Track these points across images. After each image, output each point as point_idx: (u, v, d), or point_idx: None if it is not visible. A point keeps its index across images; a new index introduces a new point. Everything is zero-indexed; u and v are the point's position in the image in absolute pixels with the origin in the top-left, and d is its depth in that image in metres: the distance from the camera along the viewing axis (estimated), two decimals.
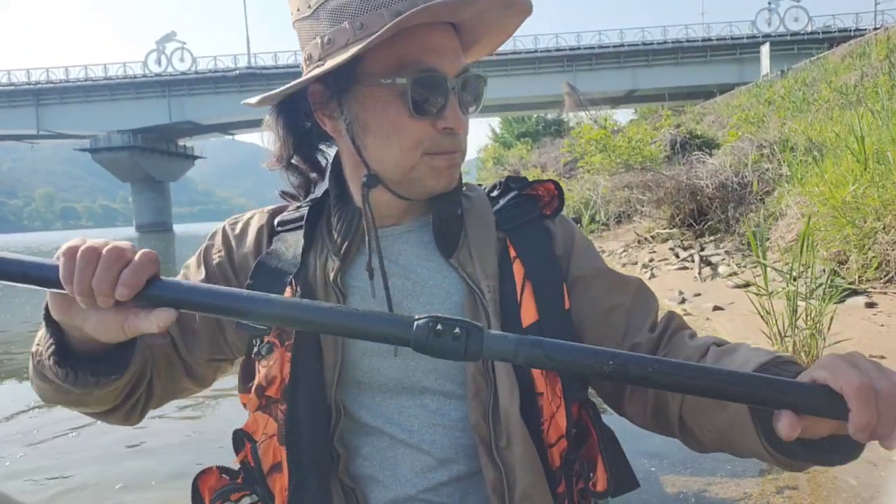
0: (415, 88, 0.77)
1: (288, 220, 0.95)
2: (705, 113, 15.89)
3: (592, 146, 9.92)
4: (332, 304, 0.79)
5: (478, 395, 0.83)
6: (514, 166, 22.90)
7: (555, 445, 0.85)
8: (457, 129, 0.81)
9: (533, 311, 0.86)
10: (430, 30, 0.78)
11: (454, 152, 0.83)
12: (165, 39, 51.45)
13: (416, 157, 0.81)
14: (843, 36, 31.74)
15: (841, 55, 14.63)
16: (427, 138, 0.81)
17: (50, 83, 49.44)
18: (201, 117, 50.23)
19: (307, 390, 0.83)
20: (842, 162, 5.28)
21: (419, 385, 0.87)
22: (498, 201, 0.95)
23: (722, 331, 4.29)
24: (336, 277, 0.86)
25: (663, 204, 8.92)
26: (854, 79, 10.75)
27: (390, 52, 0.77)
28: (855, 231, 4.33)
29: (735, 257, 6.58)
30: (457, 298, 0.87)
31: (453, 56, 0.81)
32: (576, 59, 45.22)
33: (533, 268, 0.88)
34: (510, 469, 0.81)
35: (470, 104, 0.85)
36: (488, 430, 0.82)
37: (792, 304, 3.00)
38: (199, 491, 0.88)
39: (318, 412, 0.84)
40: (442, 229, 0.88)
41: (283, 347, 0.84)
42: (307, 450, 0.83)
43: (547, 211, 0.95)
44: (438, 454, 0.86)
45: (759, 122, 10.43)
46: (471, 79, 0.83)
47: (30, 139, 58.59)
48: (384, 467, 0.87)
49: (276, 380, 0.83)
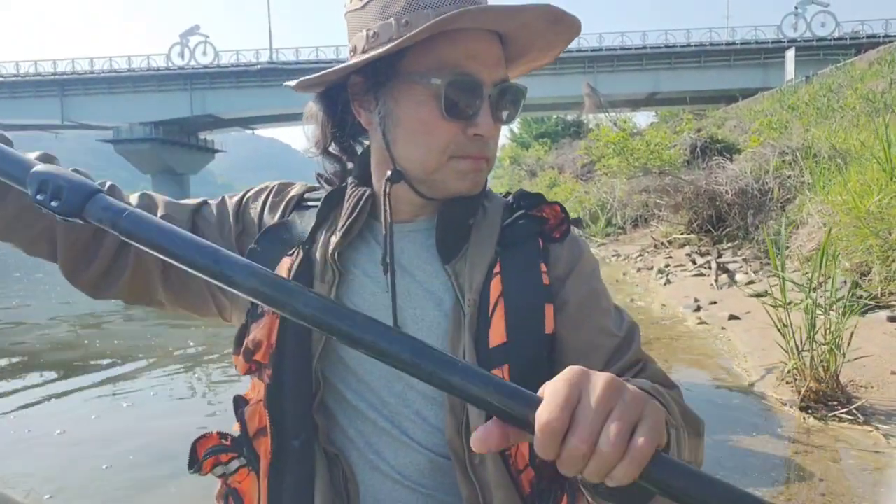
0: (449, 90, 0.79)
1: (312, 199, 0.97)
2: (727, 117, 15.69)
3: (610, 149, 9.81)
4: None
5: (453, 409, 0.82)
6: (530, 167, 22.84)
7: (523, 472, 0.82)
8: (486, 135, 0.82)
9: (502, 333, 0.82)
10: (473, 36, 0.79)
11: (481, 158, 0.84)
12: (189, 33, 51.88)
13: (443, 158, 0.82)
14: (871, 42, 31.23)
15: (869, 61, 14.37)
16: (455, 141, 0.82)
17: (75, 74, 50.03)
18: (222, 111, 50.56)
19: (292, 358, 0.84)
20: (867, 171, 5.15)
21: (403, 382, 0.87)
22: (509, 215, 0.94)
23: (737, 341, 4.19)
24: (335, 253, 0.86)
25: (681, 209, 8.80)
26: (882, 86, 10.53)
27: (431, 53, 0.79)
28: (879, 242, 4.20)
29: (753, 265, 6.46)
30: (447, 307, 0.86)
31: (493, 64, 0.82)
32: (597, 60, 44.82)
33: (511, 287, 0.84)
34: (485, 486, 0.80)
35: (505, 113, 0.85)
36: (462, 446, 0.81)
37: (810, 316, 2.90)
38: (197, 452, 0.88)
39: (301, 380, 0.85)
40: (445, 234, 0.87)
41: (273, 314, 0.84)
42: (290, 416, 0.84)
43: (556, 234, 0.91)
44: (421, 449, 0.85)
45: (781, 128, 10.25)
46: (509, 89, 0.84)
47: (54, 129, 59.40)
48: (369, 451, 0.87)
49: (262, 344, 0.84)
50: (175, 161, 54.89)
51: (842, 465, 2.30)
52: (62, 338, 5.91)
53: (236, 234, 0.97)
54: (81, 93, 50.74)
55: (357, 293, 0.88)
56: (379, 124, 0.85)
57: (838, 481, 2.22)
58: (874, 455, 2.38)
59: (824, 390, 2.84)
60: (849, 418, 2.69)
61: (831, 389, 2.85)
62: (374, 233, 0.91)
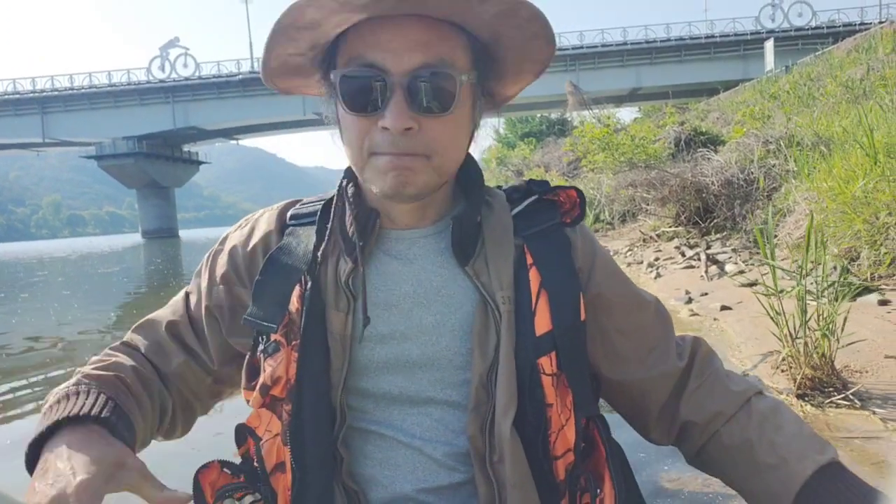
0: (343, 84, 0.77)
1: (300, 215, 0.93)
2: (709, 110, 15.78)
3: (595, 145, 9.83)
4: None
5: (477, 407, 0.82)
6: (517, 166, 22.86)
7: (561, 458, 0.84)
8: (393, 129, 0.75)
9: (547, 321, 0.84)
10: (382, 25, 0.75)
11: (400, 154, 0.77)
12: (169, 45, 51.68)
13: (364, 157, 0.80)
14: (847, 30, 31.61)
15: (846, 49, 14.51)
16: (369, 137, 0.78)
17: (55, 91, 49.72)
18: (205, 122, 50.35)
19: (312, 392, 0.82)
20: (850, 157, 5.17)
21: (424, 395, 0.86)
22: (517, 205, 0.93)
23: (730, 331, 4.18)
24: (348, 280, 0.84)
25: (668, 202, 8.82)
26: (860, 73, 10.62)
27: (345, 51, 0.78)
28: (866, 227, 4.22)
29: (742, 255, 6.47)
30: (468, 308, 0.85)
31: (408, 51, 0.75)
32: (579, 58, 45.06)
33: (550, 276, 0.86)
34: (502, 485, 0.80)
35: (429, 102, 0.76)
36: (483, 443, 0.81)
37: (802, 303, 2.89)
38: (201, 486, 0.85)
39: (322, 414, 0.83)
40: (462, 237, 0.85)
41: (290, 347, 0.82)
42: (311, 451, 0.82)
43: (567, 219, 0.92)
44: (438, 459, 0.85)
45: (764, 117, 10.31)
46: (428, 77, 0.75)
47: (35, 147, 58.88)
48: (384, 467, 0.86)
49: (281, 380, 0.82)
50: (159, 175, 54.59)
51: (842, 451, 2.29)
52: (55, 354, 5.82)
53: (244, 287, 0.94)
54: (62, 109, 50.36)
55: (377, 316, 0.85)
56: (336, 125, 0.86)
57: None
58: (873, 440, 2.37)
59: (820, 377, 2.83)
60: (846, 404, 2.68)
61: (827, 376, 2.83)
62: (383, 243, 0.89)
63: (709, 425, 0.90)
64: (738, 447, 0.86)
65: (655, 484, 2.20)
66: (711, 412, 0.90)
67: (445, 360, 0.85)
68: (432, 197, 0.86)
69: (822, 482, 0.78)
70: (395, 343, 0.85)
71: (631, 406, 0.96)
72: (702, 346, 0.97)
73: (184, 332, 0.95)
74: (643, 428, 0.97)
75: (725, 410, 0.89)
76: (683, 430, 0.93)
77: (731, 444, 0.87)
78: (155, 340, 0.95)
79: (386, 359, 0.85)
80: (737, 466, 0.87)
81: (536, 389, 0.83)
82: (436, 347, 0.84)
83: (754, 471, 0.84)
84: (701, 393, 0.92)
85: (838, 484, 0.77)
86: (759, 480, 0.83)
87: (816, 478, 0.78)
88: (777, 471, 0.81)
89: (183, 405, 0.96)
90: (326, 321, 0.83)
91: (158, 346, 0.95)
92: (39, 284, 15.09)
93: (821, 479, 0.78)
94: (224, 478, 0.85)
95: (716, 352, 0.98)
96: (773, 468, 0.82)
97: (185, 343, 0.95)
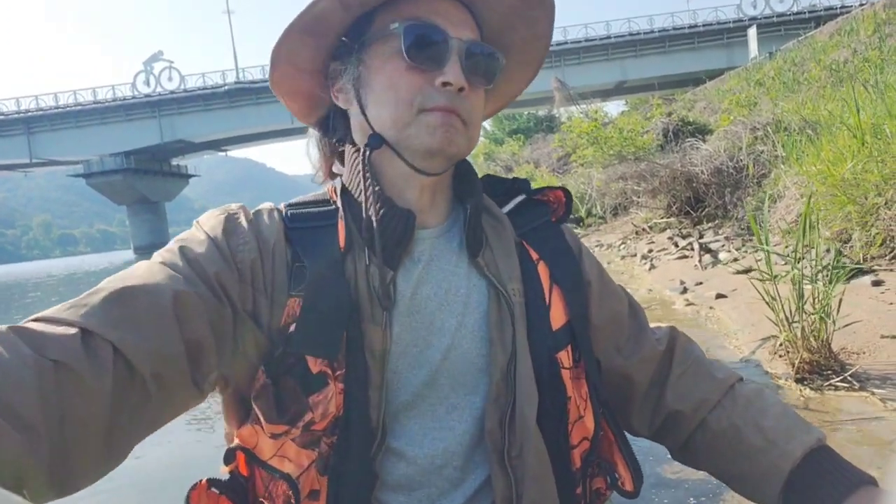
0: (408, 34, 0.76)
1: (307, 216, 0.82)
2: (696, 100, 15.82)
3: (584, 139, 9.84)
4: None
5: (497, 400, 0.80)
6: (505, 162, 22.87)
7: (577, 447, 0.86)
8: (455, 84, 0.77)
9: (562, 314, 0.86)
10: (436, 1, 0.79)
11: (451, 111, 0.78)
12: (152, 59, 51.45)
13: (412, 111, 0.78)
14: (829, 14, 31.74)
15: (829, 33, 14.57)
16: (422, 93, 0.77)
17: (40, 110, 49.40)
18: (193, 135, 50.17)
19: (358, 419, 0.76)
20: (838, 139, 5.18)
21: (447, 403, 0.82)
22: (504, 203, 0.93)
23: (726, 319, 4.19)
24: (388, 288, 0.78)
25: (659, 193, 8.84)
26: (844, 56, 10.67)
27: (394, 12, 0.78)
28: (856, 208, 4.23)
29: (735, 242, 6.49)
30: (484, 307, 0.84)
31: (460, 23, 0.80)
32: (563, 53, 45.07)
33: (558, 270, 0.88)
34: (520, 479, 0.79)
35: (477, 77, 0.81)
36: (502, 437, 0.79)
37: (798, 287, 2.89)
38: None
39: (365, 437, 0.77)
40: (474, 227, 0.84)
41: (335, 378, 0.74)
42: (351, 475, 0.77)
43: (552, 218, 0.94)
44: (456, 480, 0.82)
45: (750, 104, 10.35)
46: (481, 49, 0.81)
47: (23, 168, 58.58)
48: (399, 492, 0.81)
49: (330, 415, 0.74)
50: (149, 190, 54.36)
51: (843, 433, 2.28)
52: None
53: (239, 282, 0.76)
54: (48, 129, 50.11)
55: (401, 317, 0.80)
56: (354, 95, 0.82)
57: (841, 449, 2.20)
58: (874, 420, 2.37)
59: (817, 360, 2.83)
60: (844, 386, 2.69)
61: (824, 359, 2.84)
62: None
63: (696, 413, 0.90)
64: (726, 433, 0.87)
65: (658, 476, 2.20)
66: (697, 400, 0.91)
67: (468, 362, 0.82)
68: (441, 190, 0.87)
69: (812, 463, 0.79)
70: (417, 351, 0.80)
71: (611, 395, 0.96)
72: (679, 334, 0.98)
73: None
74: (624, 417, 0.97)
75: (710, 397, 0.90)
76: (670, 421, 0.93)
77: (718, 430, 0.88)
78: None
79: (410, 368, 0.81)
80: (725, 453, 0.87)
81: (556, 383, 0.83)
82: (458, 351, 0.82)
83: (743, 455, 0.84)
84: (685, 380, 0.93)
85: (828, 465, 0.79)
86: (748, 464, 0.83)
87: (807, 459, 0.79)
88: (766, 453, 0.82)
89: None
90: (363, 337, 0.76)
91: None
92: (34, 305, 15.00)
93: (811, 461, 0.79)
94: (212, 497, 0.79)
95: (710, 340, 1.00)
96: (762, 451, 0.82)
97: None
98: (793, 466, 0.79)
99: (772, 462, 0.81)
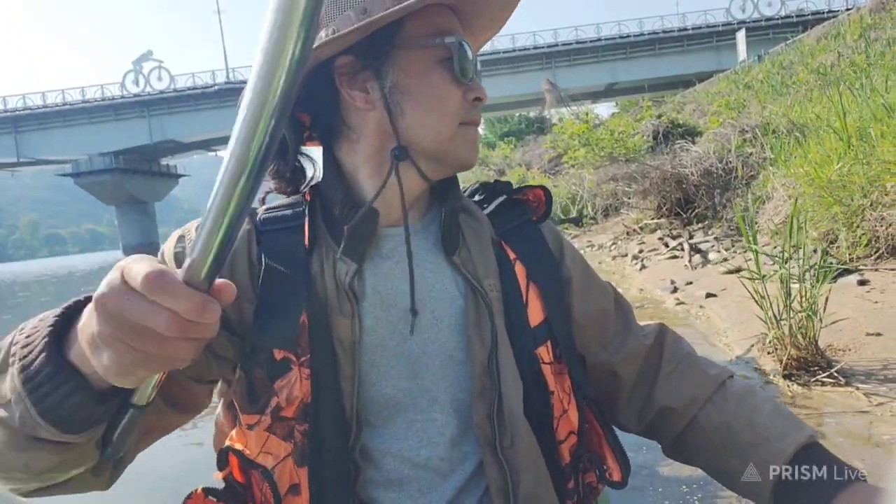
0: (460, 50, 0.78)
1: (278, 219, 0.84)
2: (686, 102, 15.94)
3: (575, 140, 9.91)
4: None
5: (482, 394, 0.81)
6: (498, 166, 22.90)
7: (564, 442, 0.86)
8: (485, 100, 0.82)
9: (540, 311, 0.87)
10: (441, 8, 0.80)
11: (478, 125, 0.84)
12: (142, 59, 51.01)
13: (454, 126, 0.80)
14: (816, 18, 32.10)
15: (816, 37, 14.73)
16: (462, 107, 0.80)
17: (27, 110, 48.82)
18: (182, 135, 49.79)
19: (328, 406, 0.77)
20: (825, 141, 5.28)
21: (428, 396, 0.83)
22: (484, 205, 0.94)
23: (716, 318, 4.26)
24: (352, 282, 0.79)
25: (650, 194, 8.92)
26: (830, 60, 10.80)
27: (427, 21, 0.78)
28: (843, 209, 4.31)
29: (724, 243, 6.57)
30: (461, 302, 0.85)
31: (468, 36, 0.85)
32: (554, 55, 45.19)
33: (535, 269, 0.89)
34: (514, 469, 0.80)
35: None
36: (492, 429, 0.80)
37: (786, 286, 2.96)
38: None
39: (339, 428, 0.78)
40: (450, 225, 0.85)
41: (300, 364, 0.76)
42: (330, 467, 0.77)
43: (534, 217, 0.94)
44: (444, 470, 0.83)
45: (739, 107, 10.46)
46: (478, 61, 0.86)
47: (10, 167, 57.98)
48: (389, 488, 0.83)
49: (296, 400, 0.76)
50: (138, 190, 53.85)
51: (829, 427, 2.35)
52: None
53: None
54: (36, 128, 49.51)
55: (373, 312, 0.81)
56: (382, 100, 0.78)
57: (826, 442, 2.25)
58: (859, 415, 2.44)
59: (805, 357, 2.90)
60: (830, 381, 2.75)
61: (811, 355, 2.91)
62: (373, 242, 0.83)
63: (687, 410, 0.90)
64: (717, 429, 0.87)
65: (651, 469, 2.25)
66: (688, 396, 0.91)
67: (446, 355, 0.83)
68: (422, 190, 0.86)
69: (804, 460, 0.79)
70: (395, 344, 0.82)
71: (599, 391, 0.96)
72: (668, 330, 0.98)
73: None
74: (612, 413, 0.97)
75: (702, 394, 0.90)
76: (660, 417, 0.93)
77: (709, 426, 0.87)
78: None
79: (388, 361, 0.82)
80: (716, 449, 0.87)
81: (538, 378, 0.84)
82: (436, 344, 0.83)
83: (735, 452, 0.84)
84: (676, 377, 0.93)
85: (820, 462, 0.78)
86: (740, 461, 0.83)
87: (799, 456, 0.79)
88: (758, 449, 0.82)
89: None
90: (332, 328, 0.78)
91: None
92: (21, 306, 14.88)
93: (803, 458, 0.79)
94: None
95: (700, 338, 1.01)
96: (754, 447, 0.82)
97: None
98: (785, 463, 0.79)
99: (764, 459, 0.81)
